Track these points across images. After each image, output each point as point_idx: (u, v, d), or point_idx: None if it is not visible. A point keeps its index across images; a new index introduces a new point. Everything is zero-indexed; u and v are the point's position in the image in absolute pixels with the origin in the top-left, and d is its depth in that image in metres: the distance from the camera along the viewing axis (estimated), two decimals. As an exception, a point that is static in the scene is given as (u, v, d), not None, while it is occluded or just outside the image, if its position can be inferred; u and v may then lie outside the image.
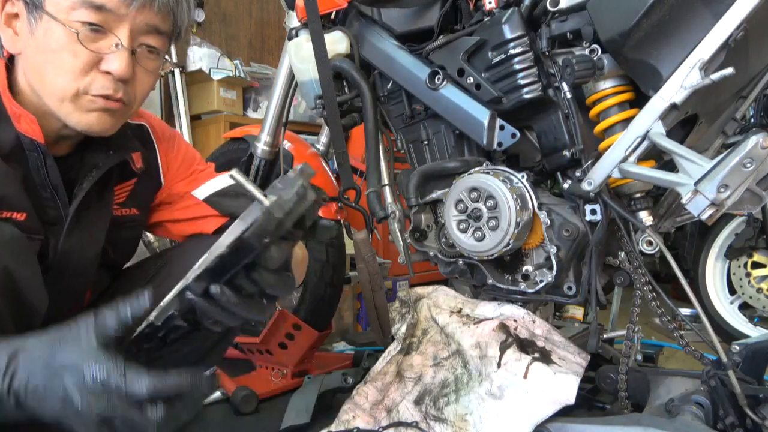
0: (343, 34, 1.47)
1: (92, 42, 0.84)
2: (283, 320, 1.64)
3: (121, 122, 0.94)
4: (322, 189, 0.63)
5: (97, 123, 0.88)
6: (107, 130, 0.90)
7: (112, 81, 0.86)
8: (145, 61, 0.91)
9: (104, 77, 0.86)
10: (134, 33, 0.87)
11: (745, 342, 1.06)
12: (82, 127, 0.88)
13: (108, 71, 0.85)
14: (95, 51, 0.84)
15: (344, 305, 2.42)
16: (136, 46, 0.88)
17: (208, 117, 3.10)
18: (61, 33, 0.83)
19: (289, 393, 1.51)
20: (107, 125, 0.90)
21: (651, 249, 1.13)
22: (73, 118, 0.87)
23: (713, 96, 1.13)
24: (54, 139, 0.91)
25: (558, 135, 1.23)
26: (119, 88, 0.87)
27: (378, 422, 1.17)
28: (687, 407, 1.00)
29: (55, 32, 0.83)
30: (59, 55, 0.83)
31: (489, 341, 1.15)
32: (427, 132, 1.43)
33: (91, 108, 0.87)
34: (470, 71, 1.27)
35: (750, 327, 2.13)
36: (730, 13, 0.97)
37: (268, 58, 3.78)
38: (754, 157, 0.92)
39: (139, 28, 0.87)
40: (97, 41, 0.84)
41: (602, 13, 1.07)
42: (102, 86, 0.86)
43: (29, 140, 0.87)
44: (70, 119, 0.87)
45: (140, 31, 0.87)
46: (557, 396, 1.03)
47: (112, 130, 0.92)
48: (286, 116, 1.77)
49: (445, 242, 1.39)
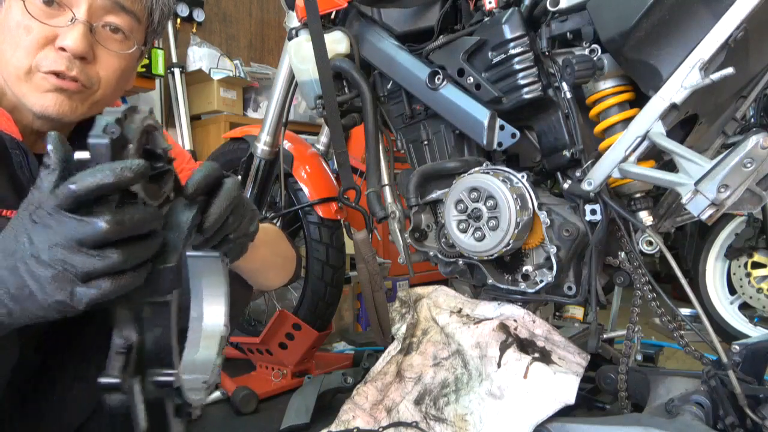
0: (343, 34, 1.47)
1: (48, 18, 0.82)
2: (283, 320, 1.64)
3: (85, 108, 0.88)
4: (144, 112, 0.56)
5: (53, 104, 0.84)
6: (66, 113, 0.85)
7: (66, 58, 0.82)
8: (109, 41, 0.87)
9: (58, 54, 0.82)
10: (94, 9, 0.84)
11: (745, 342, 1.06)
12: (38, 108, 0.84)
13: (62, 47, 0.82)
14: (50, 24, 0.82)
15: (344, 305, 2.42)
16: (97, 23, 0.85)
17: (208, 117, 3.09)
18: (17, 9, 0.82)
19: (289, 393, 1.51)
20: (65, 107, 0.85)
21: (651, 249, 1.14)
22: (29, 99, 0.84)
23: (713, 96, 1.13)
24: (33, 134, 0.89)
25: (558, 135, 1.23)
26: (72, 65, 0.83)
27: (378, 422, 1.17)
28: (687, 407, 1.00)
29: (13, 9, 0.82)
30: (15, 32, 0.82)
31: (489, 341, 1.15)
32: (427, 132, 1.43)
33: (45, 88, 0.83)
34: (470, 71, 1.27)
35: (750, 327, 2.13)
36: (730, 13, 0.97)
37: (268, 58, 3.78)
38: (754, 157, 0.93)
39: (99, 3, 0.84)
40: (53, 17, 0.82)
41: (602, 13, 1.07)
42: (53, 62, 0.82)
43: (9, 138, 0.85)
44: (27, 100, 0.84)
45: (101, 7, 0.85)
46: (557, 396, 1.03)
47: (73, 114, 0.87)
48: (286, 116, 1.78)
49: (445, 242, 1.39)
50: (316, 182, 1.81)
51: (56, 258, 0.51)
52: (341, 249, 1.84)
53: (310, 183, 1.81)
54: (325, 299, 1.81)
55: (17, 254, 0.53)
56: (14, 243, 0.54)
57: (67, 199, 0.50)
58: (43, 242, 0.52)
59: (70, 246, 0.51)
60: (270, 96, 1.84)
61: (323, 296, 1.81)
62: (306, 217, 1.81)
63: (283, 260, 1.10)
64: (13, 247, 0.54)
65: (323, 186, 1.81)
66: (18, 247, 0.53)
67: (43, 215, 0.51)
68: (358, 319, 2.55)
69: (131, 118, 0.55)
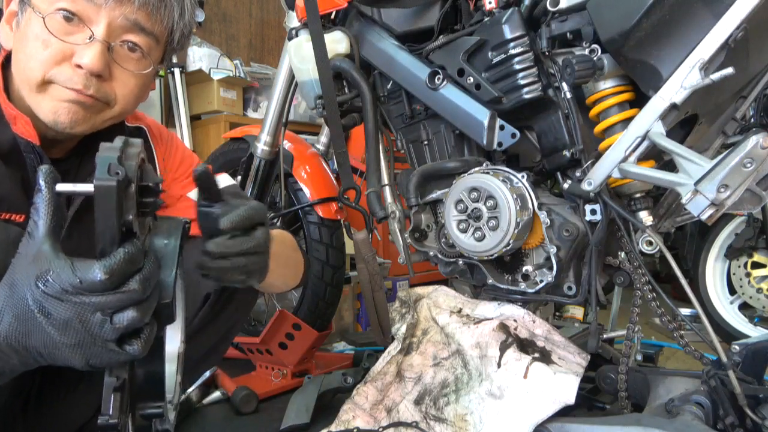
0: (343, 34, 1.47)
1: (67, 34, 0.82)
2: (283, 320, 1.64)
3: (99, 121, 0.89)
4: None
5: (67, 114, 0.83)
6: (78, 123, 0.85)
7: (83, 76, 0.82)
8: (126, 60, 0.87)
9: (74, 70, 0.82)
10: (112, 28, 0.83)
11: (745, 342, 1.06)
12: (51, 118, 0.83)
13: (79, 65, 0.82)
14: (67, 42, 0.82)
15: (344, 305, 2.42)
16: (115, 41, 0.85)
17: (208, 117, 3.09)
18: (37, 23, 0.81)
19: (289, 393, 1.51)
20: (78, 117, 0.85)
21: (651, 249, 1.14)
22: (42, 109, 0.84)
23: (713, 96, 1.13)
24: (49, 140, 0.90)
25: (558, 135, 1.23)
26: (90, 84, 0.83)
27: (378, 422, 1.17)
28: (687, 407, 1.00)
29: (32, 22, 0.82)
30: (33, 44, 0.82)
31: (489, 341, 1.15)
32: (427, 132, 1.43)
33: (60, 98, 0.83)
34: (470, 71, 1.27)
35: (750, 327, 2.13)
36: (730, 13, 0.97)
37: (268, 58, 3.78)
38: (754, 157, 0.93)
39: (118, 23, 0.84)
40: (72, 33, 0.82)
41: (602, 13, 1.07)
42: (69, 79, 0.82)
43: (25, 142, 0.85)
44: (40, 110, 0.84)
45: (120, 26, 0.84)
46: (557, 396, 1.03)
47: (85, 125, 0.87)
48: (286, 116, 1.78)
49: (445, 242, 1.39)
50: (316, 182, 1.81)
51: (78, 329, 0.54)
52: (341, 249, 1.84)
53: (310, 183, 1.81)
54: (325, 299, 1.81)
55: (36, 322, 0.54)
56: (27, 309, 0.54)
57: (92, 285, 0.53)
58: (60, 313, 0.53)
59: (87, 308, 0.53)
60: (270, 96, 1.84)
61: (323, 296, 1.81)
62: (306, 217, 1.81)
63: (294, 270, 1.10)
64: (27, 312, 0.54)
65: (323, 186, 1.81)
66: (36, 319, 0.54)
67: (56, 289, 0.52)
68: (358, 319, 2.55)
69: (127, 153, 0.55)
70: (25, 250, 0.55)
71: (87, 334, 0.54)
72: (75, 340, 0.54)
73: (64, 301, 0.53)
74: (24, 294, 0.54)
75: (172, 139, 1.14)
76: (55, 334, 0.54)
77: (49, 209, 0.55)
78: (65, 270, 0.52)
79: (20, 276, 0.54)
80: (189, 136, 3.04)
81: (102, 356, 0.55)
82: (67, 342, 0.54)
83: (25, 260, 0.54)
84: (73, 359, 0.55)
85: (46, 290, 0.53)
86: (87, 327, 0.54)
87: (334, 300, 1.86)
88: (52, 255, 0.53)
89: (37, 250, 0.54)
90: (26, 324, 0.54)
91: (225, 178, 1.14)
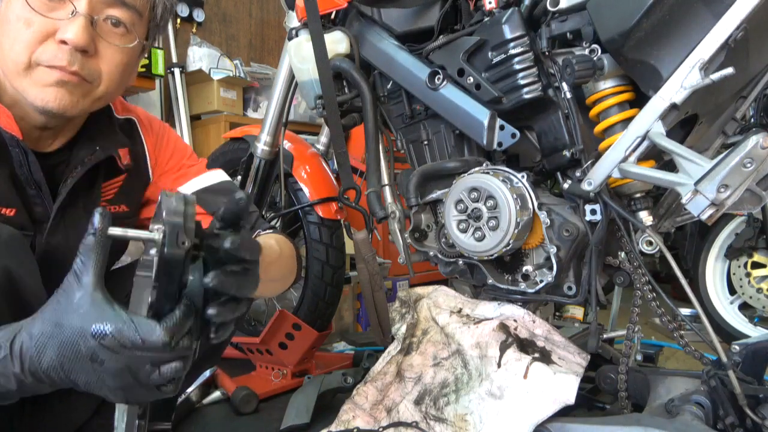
0: (343, 34, 1.47)
1: (49, 11, 0.81)
2: (283, 320, 1.64)
3: (87, 103, 0.88)
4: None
5: (54, 98, 0.82)
6: (67, 107, 0.84)
7: (67, 51, 0.81)
8: (110, 35, 0.86)
9: (59, 47, 0.81)
10: (95, 2, 0.83)
11: (745, 342, 1.06)
12: (39, 103, 0.83)
13: (63, 40, 0.81)
14: (50, 17, 0.81)
15: (344, 305, 2.42)
16: (98, 16, 0.84)
17: (208, 117, 3.09)
18: (18, 2, 0.81)
19: (289, 393, 1.51)
20: (65, 101, 0.84)
21: (651, 249, 1.13)
22: (29, 94, 0.83)
23: (713, 96, 1.13)
24: (36, 133, 0.89)
25: (558, 135, 1.23)
26: (75, 59, 0.82)
27: (378, 422, 1.17)
28: (687, 407, 1.00)
29: (13, 2, 0.81)
30: (15, 25, 0.81)
31: (489, 341, 1.15)
32: (427, 132, 1.43)
33: (46, 81, 0.82)
34: (470, 71, 1.27)
35: (750, 327, 2.13)
36: (730, 13, 0.97)
37: (268, 58, 3.78)
38: (754, 157, 0.93)
39: None
40: (54, 10, 0.82)
41: (602, 13, 1.07)
42: (54, 56, 0.81)
43: (9, 136, 0.84)
44: (28, 95, 0.83)
45: (103, 1, 0.84)
46: (557, 396, 1.03)
47: (74, 109, 0.86)
48: (286, 116, 1.78)
49: (445, 242, 1.39)
50: (316, 182, 1.81)
51: (127, 376, 0.58)
52: (341, 249, 1.84)
53: (310, 183, 1.81)
54: (325, 299, 1.81)
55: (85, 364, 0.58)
56: (77, 353, 0.57)
57: (153, 345, 0.57)
58: (113, 363, 0.57)
59: (141, 361, 0.57)
60: (270, 96, 1.84)
61: (323, 296, 1.81)
62: (306, 217, 1.81)
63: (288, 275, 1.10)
64: (76, 355, 0.57)
65: (323, 186, 1.81)
66: (85, 363, 0.58)
67: (115, 344, 0.56)
68: (358, 319, 2.55)
69: (187, 214, 0.58)
70: (70, 291, 0.58)
71: (134, 381, 0.58)
72: (121, 384, 0.58)
73: (120, 354, 0.56)
74: (75, 340, 0.57)
75: (164, 130, 1.13)
76: (104, 377, 0.58)
77: (100, 254, 0.58)
78: (128, 328, 0.56)
79: (70, 321, 0.57)
80: (189, 136, 3.04)
81: (141, 397, 0.60)
82: (113, 385, 0.59)
83: (73, 305, 0.57)
84: (111, 396, 0.60)
85: (103, 343, 0.56)
86: (136, 375, 0.58)
87: (334, 300, 1.86)
88: (110, 309, 0.57)
89: (89, 298, 0.57)
90: (72, 364, 0.58)
91: (218, 174, 1.13)
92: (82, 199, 0.96)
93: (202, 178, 1.10)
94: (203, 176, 1.11)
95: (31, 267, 0.83)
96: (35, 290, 0.82)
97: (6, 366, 0.59)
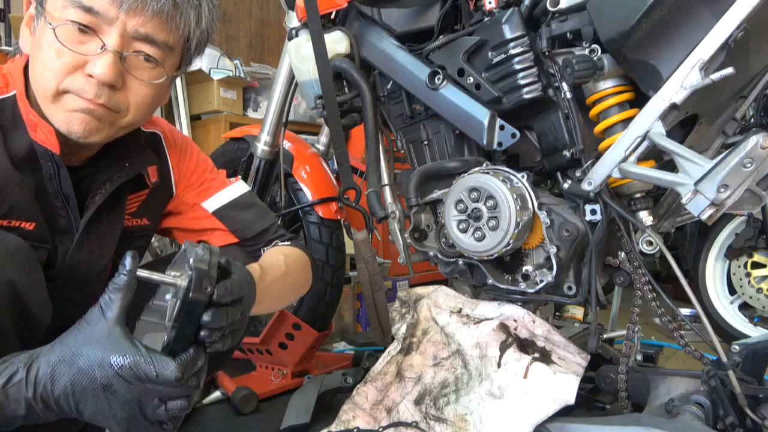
0: (343, 34, 1.47)
1: (79, 44, 0.81)
2: (283, 320, 1.64)
3: (112, 131, 0.88)
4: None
5: (80, 124, 0.83)
6: (92, 133, 0.84)
7: (95, 85, 0.81)
8: (139, 70, 0.85)
9: (87, 80, 0.81)
10: (125, 38, 0.82)
11: (745, 342, 1.06)
12: (64, 128, 0.83)
13: (90, 74, 0.81)
14: (79, 53, 0.81)
15: (344, 305, 2.42)
16: (127, 51, 0.83)
17: (208, 117, 3.09)
18: (50, 32, 0.80)
19: (289, 393, 1.51)
20: (91, 127, 0.84)
21: (651, 249, 1.13)
22: (56, 119, 0.83)
23: (713, 96, 1.13)
24: (69, 148, 0.88)
25: (558, 135, 1.23)
26: (101, 93, 0.82)
27: (378, 422, 1.17)
28: (687, 407, 1.01)
29: (46, 31, 0.81)
30: (47, 53, 0.81)
31: (489, 341, 1.15)
32: (427, 132, 1.43)
33: (73, 108, 0.82)
34: (470, 71, 1.27)
35: (750, 327, 2.13)
36: (730, 13, 0.97)
37: (268, 58, 3.78)
38: (754, 157, 0.93)
39: (131, 33, 0.82)
40: (84, 43, 0.81)
41: (602, 13, 1.07)
42: (81, 87, 0.81)
43: (43, 149, 0.84)
44: (55, 120, 0.83)
45: (133, 36, 0.83)
46: (557, 396, 1.04)
47: (98, 135, 0.85)
48: (286, 116, 1.78)
49: (445, 242, 1.39)
50: (316, 182, 1.81)
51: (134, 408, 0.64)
52: (341, 249, 1.83)
53: (310, 183, 1.81)
54: (325, 299, 1.81)
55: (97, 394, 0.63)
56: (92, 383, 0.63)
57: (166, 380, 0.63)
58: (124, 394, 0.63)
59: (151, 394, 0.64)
60: (270, 96, 1.84)
61: (323, 296, 1.81)
62: (306, 217, 1.81)
63: (296, 289, 1.11)
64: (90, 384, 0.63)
65: (323, 186, 1.81)
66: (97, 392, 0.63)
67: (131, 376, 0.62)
68: (358, 319, 2.55)
69: (211, 263, 0.65)
70: (93, 323, 0.64)
71: (140, 413, 0.63)
72: (127, 415, 0.63)
73: (133, 385, 0.62)
74: (92, 370, 0.62)
75: (186, 144, 1.13)
76: (113, 407, 0.63)
77: (127, 293, 0.64)
78: (145, 361, 0.62)
79: (89, 351, 0.62)
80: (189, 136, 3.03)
81: (141, 430, 0.65)
82: (120, 416, 0.63)
83: (95, 336, 0.63)
84: (113, 425, 0.64)
85: (120, 373, 0.61)
86: (143, 408, 0.63)
87: (334, 300, 1.86)
88: (129, 343, 0.63)
89: (110, 331, 0.63)
90: (85, 392, 0.62)
91: (239, 187, 1.15)
92: (106, 214, 0.96)
93: (225, 193, 1.12)
94: (225, 190, 1.12)
95: (36, 278, 0.82)
96: (42, 302, 0.82)
97: (20, 390, 0.62)
